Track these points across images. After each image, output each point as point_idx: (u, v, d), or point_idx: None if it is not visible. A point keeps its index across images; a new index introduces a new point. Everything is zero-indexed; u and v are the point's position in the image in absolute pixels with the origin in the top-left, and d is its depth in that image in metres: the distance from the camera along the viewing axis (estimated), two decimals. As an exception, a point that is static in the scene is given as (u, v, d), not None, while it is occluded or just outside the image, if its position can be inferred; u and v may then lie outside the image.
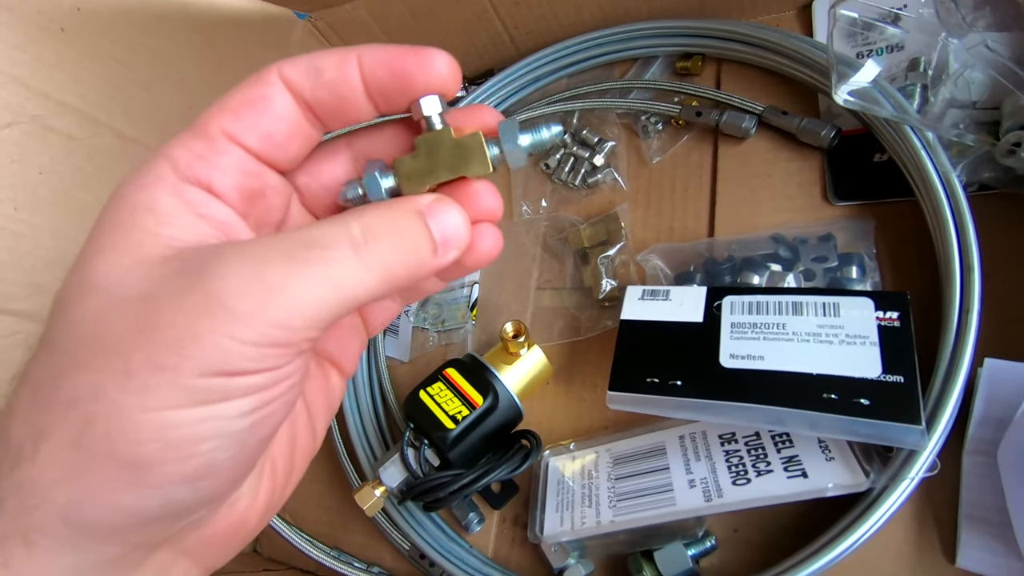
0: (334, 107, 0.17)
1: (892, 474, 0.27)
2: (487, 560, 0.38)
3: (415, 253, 0.17)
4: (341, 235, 0.16)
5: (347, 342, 0.22)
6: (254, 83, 0.17)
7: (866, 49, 0.40)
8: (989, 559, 0.27)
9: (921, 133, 0.33)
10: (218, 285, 0.14)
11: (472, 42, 0.53)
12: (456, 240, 0.18)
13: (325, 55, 0.17)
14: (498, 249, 0.20)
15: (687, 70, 0.46)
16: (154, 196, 0.16)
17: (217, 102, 0.17)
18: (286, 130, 0.17)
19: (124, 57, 0.41)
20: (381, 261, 0.16)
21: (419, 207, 0.17)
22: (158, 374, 0.14)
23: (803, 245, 0.36)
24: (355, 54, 0.17)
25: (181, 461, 0.15)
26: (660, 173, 0.45)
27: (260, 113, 0.17)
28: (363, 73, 0.17)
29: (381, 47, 0.17)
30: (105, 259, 0.15)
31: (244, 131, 0.17)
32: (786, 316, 0.31)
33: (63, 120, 0.37)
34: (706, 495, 0.30)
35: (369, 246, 0.16)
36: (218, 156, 0.17)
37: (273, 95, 0.17)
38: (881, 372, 0.27)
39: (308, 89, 0.17)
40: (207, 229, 0.16)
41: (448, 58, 0.17)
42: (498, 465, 0.35)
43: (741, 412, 0.29)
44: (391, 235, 0.16)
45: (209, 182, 0.17)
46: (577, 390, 0.41)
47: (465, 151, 0.18)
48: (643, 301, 0.35)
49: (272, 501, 0.19)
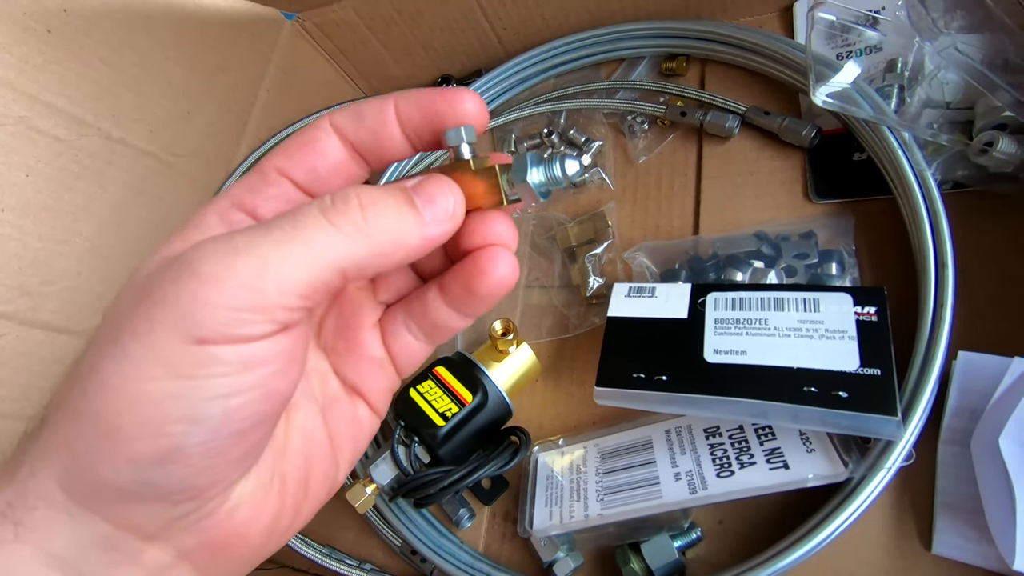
0: (374, 145, 0.19)
1: (870, 464, 0.28)
2: (478, 555, 0.38)
3: (395, 217, 0.17)
4: (312, 204, 0.16)
5: (371, 373, 0.22)
6: (308, 129, 0.19)
7: (846, 50, 0.41)
8: (963, 546, 0.28)
9: (898, 133, 0.34)
10: (192, 255, 0.15)
11: (459, 42, 0.53)
12: (443, 207, 0.18)
13: (368, 102, 0.19)
14: (515, 275, 0.20)
15: (672, 71, 0.47)
16: (204, 216, 0.18)
17: (278, 146, 0.20)
18: (330, 165, 0.19)
19: (111, 58, 0.41)
20: (352, 223, 0.16)
21: (403, 184, 0.18)
22: (134, 340, 0.15)
23: (785, 242, 0.36)
24: (392, 99, 0.19)
25: (151, 439, 0.15)
26: (646, 172, 0.45)
27: (308, 152, 0.19)
28: (399, 115, 0.19)
29: (416, 92, 0.19)
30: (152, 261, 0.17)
31: (293, 167, 0.19)
32: (768, 312, 0.32)
33: (50, 121, 0.37)
34: (691, 487, 0.31)
35: (336, 207, 0.16)
36: (267, 187, 0.19)
37: (322, 137, 0.19)
38: (859, 365, 0.28)
39: (351, 131, 0.19)
40: None
41: (475, 97, 0.19)
42: (487, 461, 0.35)
43: (725, 406, 0.30)
44: (367, 201, 0.17)
45: (254, 208, 0.19)
46: (566, 386, 0.42)
47: (481, 182, 0.19)
48: (629, 298, 0.36)
49: (280, 523, 0.19)
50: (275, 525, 0.19)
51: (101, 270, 0.40)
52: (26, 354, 0.37)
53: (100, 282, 0.40)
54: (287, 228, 0.16)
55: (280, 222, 0.16)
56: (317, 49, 0.56)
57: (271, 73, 0.52)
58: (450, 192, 0.18)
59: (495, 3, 0.48)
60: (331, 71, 0.58)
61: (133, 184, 0.42)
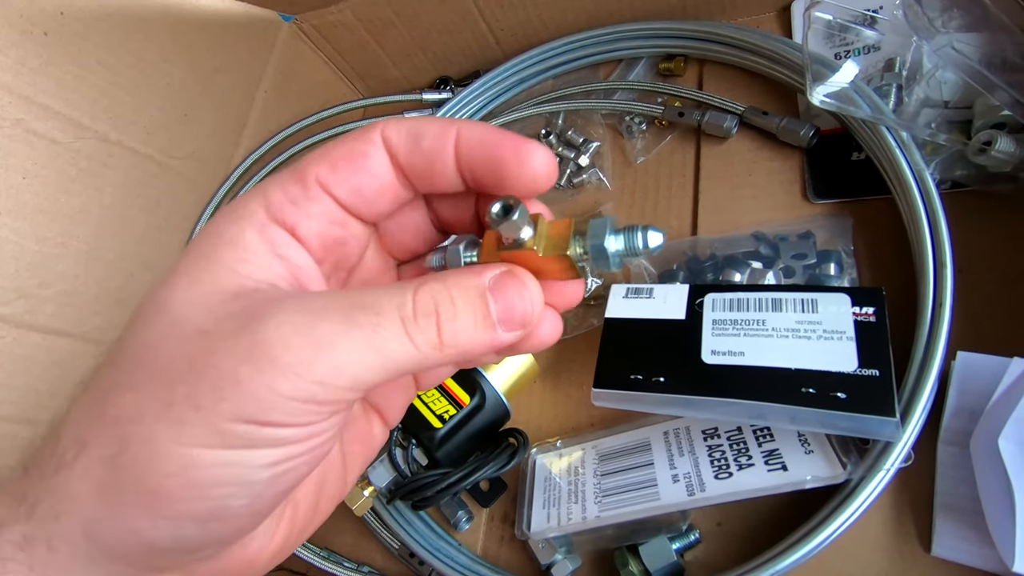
0: (425, 173, 0.18)
1: (868, 465, 0.28)
2: (476, 557, 0.38)
3: (471, 332, 0.16)
4: (392, 305, 0.15)
5: (394, 396, 0.22)
6: (357, 138, 0.18)
7: (844, 50, 0.40)
8: (963, 547, 0.28)
9: (896, 132, 0.34)
10: (269, 334, 0.14)
11: (457, 44, 0.53)
12: (521, 319, 0.17)
13: (428, 123, 0.18)
14: (556, 336, 0.19)
15: (670, 71, 0.47)
16: (241, 230, 0.17)
17: (321, 150, 0.18)
18: (377, 187, 0.18)
19: (108, 60, 0.41)
20: (427, 338, 0.16)
21: (482, 284, 0.17)
22: (194, 411, 0.14)
23: (783, 243, 0.36)
24: (456, 128, 0.18)
25: (197, 500, 0.15)
26: (644, 173, 0.45)
27: (356, 168, 0.18)
28: (459, 148, 0.17)
29: (483, 127, 0.18)
30: (181, 285, 0.16)
31: (338, 183, 0.18)
32: (766, 312, 0.31)
33: (47, 124, 0.37)
34: (689, 489, 0.31)
35: (418, 322, 0.16)
36: (309, 203, 0.17)
37: (372, 153, 0.18)
38: (857, 366, 0.28)
39: (404, 152, 0.18)
40: (280, 270, 0.17)
41: (547, 156, 0.17)
42: (485, 463, 0.35)
43: (723, 407, 0.30)
44: (446, 317, 0.16)
45: (295, 226, 0.17)
46: (564, 388, 0.41)
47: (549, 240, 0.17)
48: (627, 299, 0.36)
49: (288, 543, 0.19)
50: (284, 545, 0.19)
51: (99, 273, 0.40)
52: (23, 357, 0.37)
53: (97, 285, 0.40)
54: (367, 330, 0.15)
55: (359, 316, 0.15)
56: (315, 51, 0.56)
57: (269, 75, 0.52)
58: (530, 300, 0.17)
59: (493, 5, 0.48)
60: (329, 73, 0.58)
61: (130, 187, 0.42)
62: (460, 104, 0.51)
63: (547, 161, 0.17)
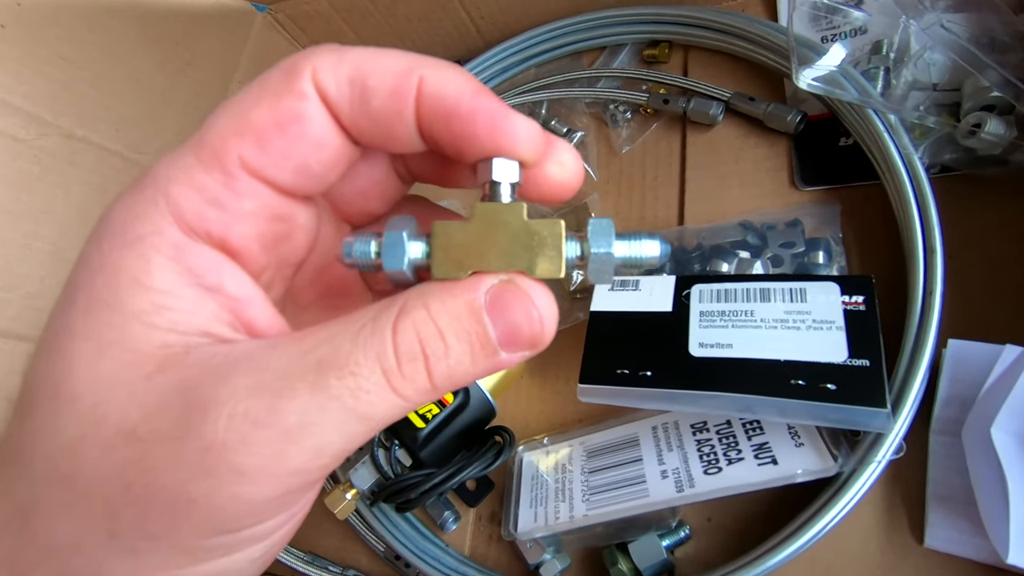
0: (376, 137, 0.14)
1: (860, 458, 0.28)
2: (463, 558, 0.37)
3: (464, 367, 0.13)
4: (371, 358, 0.12)
5: None
6: (281, 92, 0.13)
7: (831, 33, 0.40)
8: (956, 538, 0.28)
9: (884, 116, 0.33)
10: (220, 434, 0.11)
11: (437, 32, 0.52)
12: (529, 340, 0.13)
13: (376, 67, 0.13)
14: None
15: (654, 58, 0.46)
16: (148, 261, 0.12)
17: (233, 114, 0.13)
18: (326, 159, 0.14)
19: (70, 54, 0.39)
20: (418, 386, 0.13)
21: (476, 303, 0.13)
22: (148, 540, 0.12)
23: (771, 231, 0.36)
24: (415, 80, 0.13)
25: None
26: (630, 162, 0.44)
27: (292, 139, 0.13)
28: (420, 113, 0.13)
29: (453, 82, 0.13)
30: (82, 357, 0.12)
31: (272, 165, 0.13)
32: (754, 303, 0.31)
33: (6, 121, 0.36)
34: (678, 486, 0.30)
35: (404, 371, 0.12)
36: (239, 200, 0.13)
37: (307, 112, 0.13)
38: (847, 356, 0.27)
39: (347, 112, 0.13)
40: (213, 309, 0.13)
41: (532, 133, 0.14)
42: (471, 463, 0.34)
43: (711, 401, 0.29)
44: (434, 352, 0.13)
45: (223, 237, 0.13)
46: (551, 384, 0.41)
47: (535, 241, 0.13)
48: (613, 292, 0.35)
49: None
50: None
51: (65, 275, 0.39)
52: (-13, 364, 0.35)
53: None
54: (346, 399, 0.12)
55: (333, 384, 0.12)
56: (291, 42, 0.54)
57: (243, 67, 0.50)
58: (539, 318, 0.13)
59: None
60: (306, 65, 0.56)
61: (98, 184, 0.41)
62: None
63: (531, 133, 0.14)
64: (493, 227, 0.13)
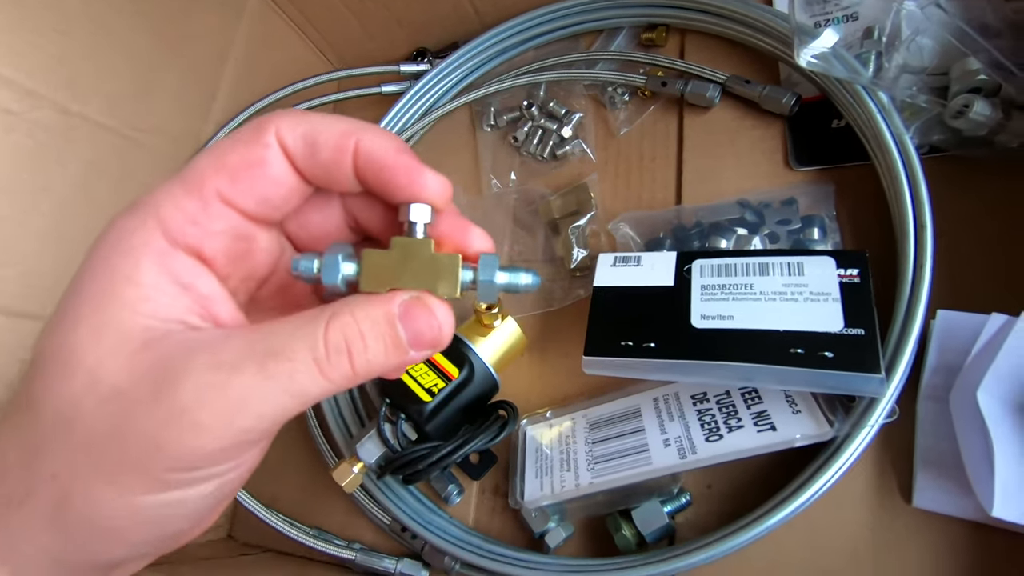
0: (324, 180, 0.18)
1: (854, 422, 0.29)
2: (469, 529, 0.38)
3: (382, 360, 0.17)
4: (305, 348, 0.16)
5: None
6: (251, 141, 0.17)
7: (823, 19, 0.41)
8: (943, 498, 0.29)
9: (875, 95, 0.34)
10: (186, 398, 0.15)
11: (435, 13, 0.52)
12: (431, 342, 0.18)
13: (324, 130, 0.17)
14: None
15: (652, 41, 0.46)
16: (136, 263, 0.16)
17: (212, 156, 0.17)
18: (284, 194, 0.18)
19: (64, 27, 0.38)
20: (341, 373, 0.17)
21: (391, 313, 0.17)
22: (128, 469, 0.15)
23: (767, 209, 0.37)
24: (353, 141, 0.17)
25: (146, 533, 0.17)
26: (628, 144, 0.45)
27: (257, 177, 0.17)
28: (357, 164, 0.18)
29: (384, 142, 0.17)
30: (87, 334, 0.16)
31: (240, 195, 0.17)
32: (753, 277, 0.32)
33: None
34: (680, 452, 0.31)
35: (331, 360, 0.16)
36: (211, 220, 0.17)
37: (270, 159, 0.17)
38: (843, 326, 0.28)
39: (300, 159, 0.18)
40: (187, 303, 0.17)
41: (441, 186, 0.18)
42: (475, 436, 0.35)
43: (713, 370, 0.30)
44: (356, 348, 0.17)
45: (199, 247, 0.17)
46: (552, 359, 0.41)
47: (438, 269, 0.18)
48: (615, 268, 0.35)
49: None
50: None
51: (64, 251, 0.38)
52: (-15, 340, 0.35)
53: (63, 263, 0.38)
54: (283, 379, 0.16)
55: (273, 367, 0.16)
56: (287, 21, 0.53)
57: (239, 44, 0.50)
58: (438, 326, 0.18)
59: (471, -28, 0.47)
60: (301, 44, 0.56)
61: (94, 161, 0.40)
62: (440, 76, 0.50)
63: (440, 190, 0.18)
64: (408, 256, 0.18)
